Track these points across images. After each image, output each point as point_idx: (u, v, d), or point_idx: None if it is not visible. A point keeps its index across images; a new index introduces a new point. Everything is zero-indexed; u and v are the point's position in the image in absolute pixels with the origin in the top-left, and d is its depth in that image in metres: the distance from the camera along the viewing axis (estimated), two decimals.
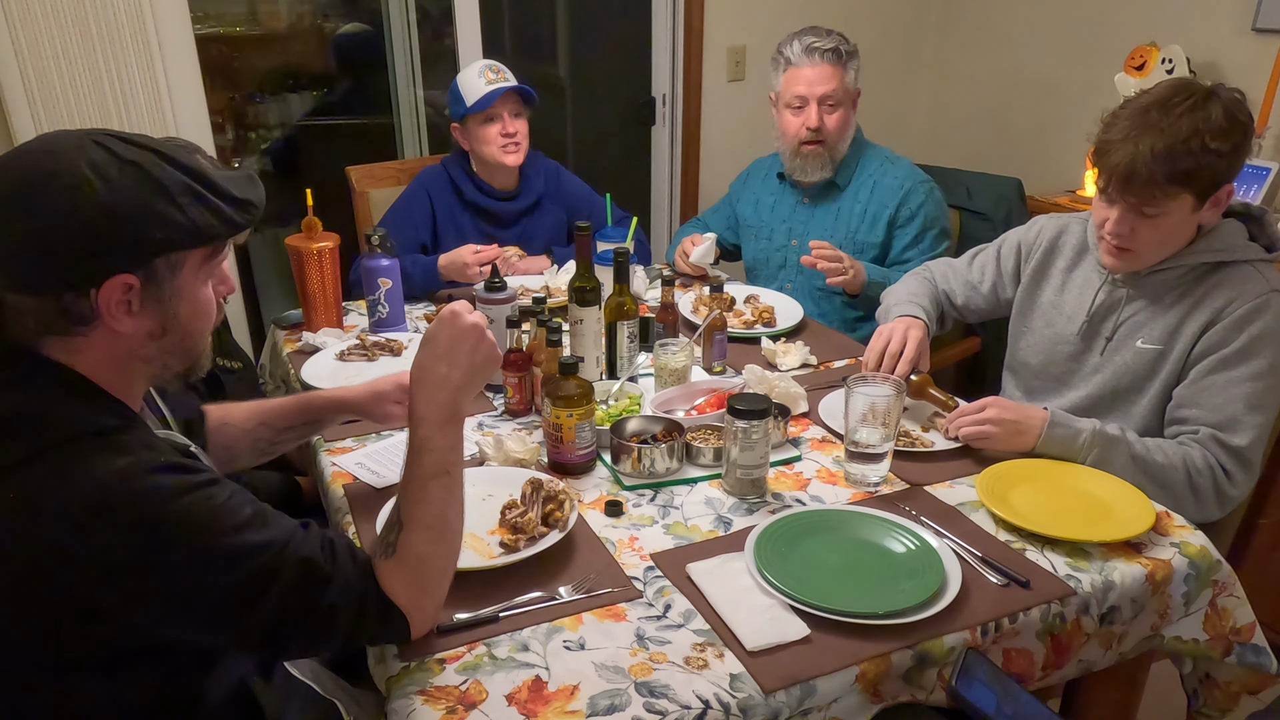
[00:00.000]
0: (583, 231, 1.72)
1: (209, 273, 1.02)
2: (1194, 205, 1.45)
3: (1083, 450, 1.46)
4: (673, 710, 1.01)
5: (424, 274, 2.26)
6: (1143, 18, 2.86)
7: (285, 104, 3.31)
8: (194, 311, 1.01)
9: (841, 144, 2.24)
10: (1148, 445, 1.47)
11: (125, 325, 0.95)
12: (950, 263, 1.92)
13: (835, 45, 2.17)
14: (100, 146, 0.92)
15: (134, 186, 0.91)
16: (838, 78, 2.18)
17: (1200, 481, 1.45)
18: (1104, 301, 1.62)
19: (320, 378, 1.80)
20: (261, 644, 1.01)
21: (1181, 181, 1.41)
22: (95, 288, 0.91)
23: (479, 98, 2.29)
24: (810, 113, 2.19)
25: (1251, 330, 1.46)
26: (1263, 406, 1.47)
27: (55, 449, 0.89)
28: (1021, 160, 3.21)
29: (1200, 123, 1.38)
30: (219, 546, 0.92)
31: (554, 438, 1.48)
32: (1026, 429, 1.48)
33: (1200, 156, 1.39)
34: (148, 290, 0.95)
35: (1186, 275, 1.53)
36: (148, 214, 0.92)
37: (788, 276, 2.37)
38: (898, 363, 1.66)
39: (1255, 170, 2.47)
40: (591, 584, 1.21)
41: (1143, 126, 1.41)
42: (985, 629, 1.15)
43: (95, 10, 2.37)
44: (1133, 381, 1.59)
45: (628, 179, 3.52)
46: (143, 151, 0.94)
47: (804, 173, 2.28)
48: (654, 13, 3.31)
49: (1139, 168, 1.40)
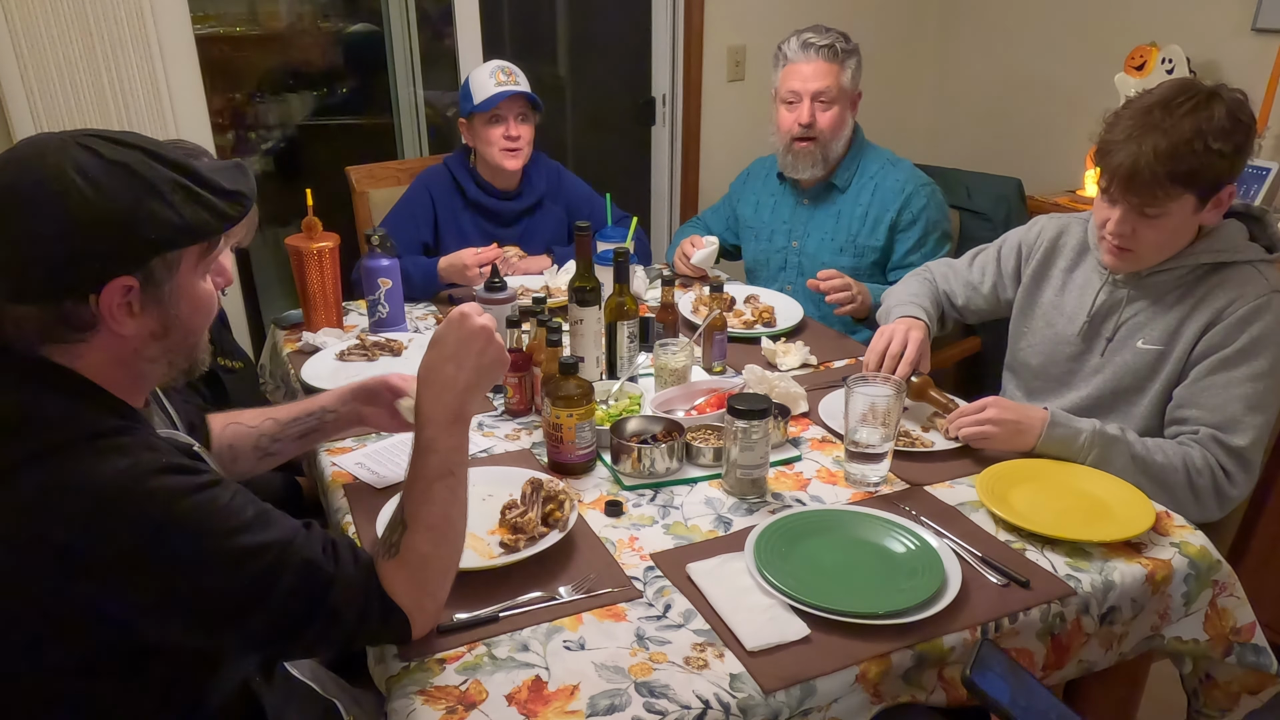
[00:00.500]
0: (583, 231, 1.72)
1: (206, 267, 1.02)
2: (1196, 206, 1.45)
3: (1083, 450, 1.46)
4: (673, 710, 1.01)
5: (423, 276, 2.26)
6: (1143, 18, 2.86)
7: (285, 104, 3.31)
8: (194, 308, 1.01)
9: (835, 143, 2.23)
10: (1148, 445, 1.47)
11: (128, 328, 0.95)
12: (950, 263, 1.92)
13: (831, 42, 2.17)
14: (85, 149, 0.91)
15: (123, 188, 0.91)
16: (832, 74, 2.17)
17: (1200, 482, 1.45)
18: (1104, 302, 1.62)
19: (320, 378, 1.80)
20: (264, 645, 1.01)
21: (1184, 182, 1.40)
22: (95, 293, 0.91)
23: (486, 97, 2.29)
24: (803, 108, 2.18)
25: (1252, 331, 1.46)
26: (1263, 407, 1.47)
27: (56, 451, 0.89)
28: (1021, 160, 3.20)
29: (1203, 123, 1.38)
30: (221, 548, 0.92)
31: (554, 438, 1.48)
32: (1027, 429, 1.48)
33: (1203, 157, 1.38)
34: (148, 291, 0.94)
35: (1187, 276, 1.53)
36: (139, 215, 0.91)
37: (788, 278, 2.37)
38: (898, 364, 1.66)
39: (1255, 170, 2.47)
40: (591, 584, 1.21)
41: (1145, 127, 1.41)
42: (985, 629, 1.15)
43: (95, 10, 2.37)
44: (1133, 382, 1.59)
45: (628, 179, 3.52)
46: (129, 150, 0.93)
47: (795, 169, 2.27)
48: (654, 13, 3.31)
49: (1141, 168, 1.40)
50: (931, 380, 1.67)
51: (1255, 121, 1.45)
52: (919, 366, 1.68)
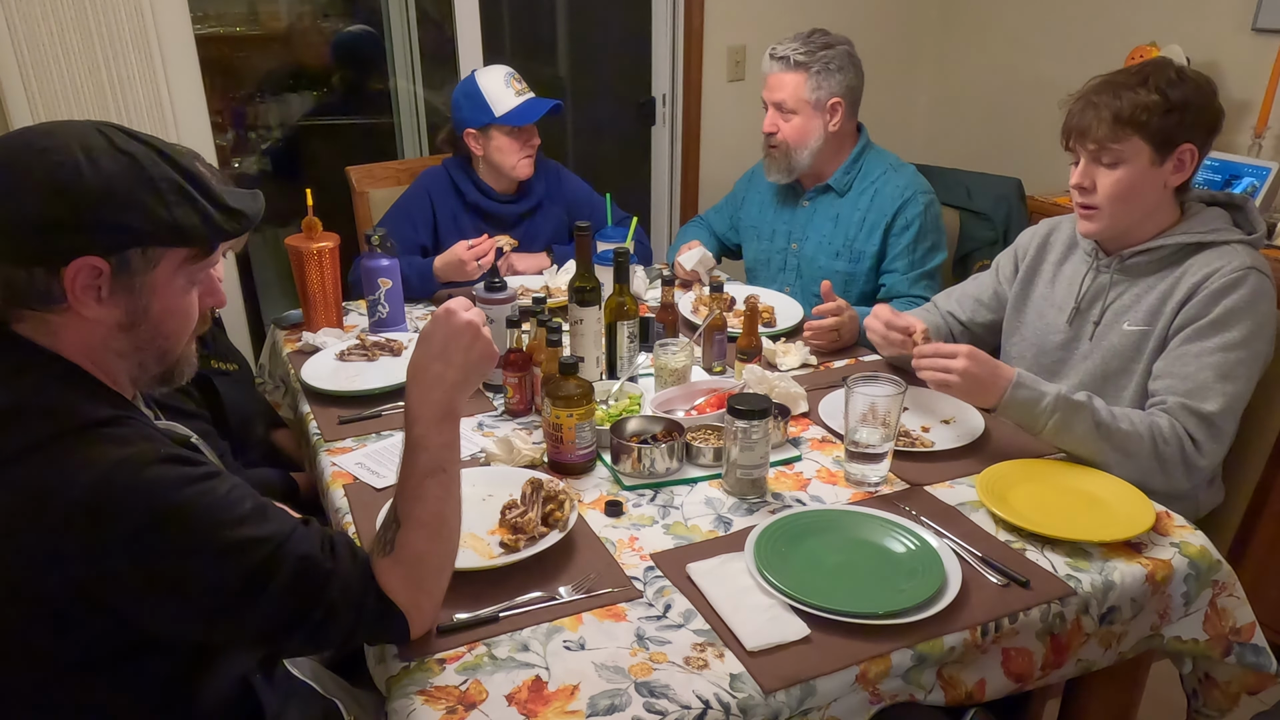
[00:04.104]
0: (583, 231, 1.72)
1: (191, 277, 1.01)
2: (1151, 156, 1.49)
3: (1045, 414, 1.45)
4: (673, 710, 1.01)
5: (420, 277, 2.26)
6: (1143, 18, 2.86)
7: (285, 104, 3.31)
8: (167, 311, 1.00)
9: (800, 151, 2.21)
10: (1114, 414, 1.47)
11: (91, 311, 0.94)
12: (951, 289, 1.95)
13: (788, 54, 2.15)
14: (101, 134, 0.93)
15: (122, 175, 0.92)
16: (791, 85, 2.16)
17: (1166, 450, 1.44)
18: (1090, 288, 1.64)
19: (320, 378, 1.80)
20: (259, 639, 1.01)
21: (1129, 124, 1.47)
22: (63, 265, 0.91)
23: (511, 110, 2.30)
24: (767, 117, 2.22)
25: (1226, 302, 1.47)
26: (1234, 377, 1.46)
27: (56, 440, 0.90)
28: (1021, 160, 3.20)
29: (1150, 74, 1.48)
30: (218, 540, 0.92)
31: (554, 438, 1.48)
32: (990, 386, 1.47)
33: (1147, 101, 1.46)
34: (118, 280, 0.94)
35: (1169, 257, 1.56)
36: (130, 202, 0.92)
37: (787, 279, 2.37)
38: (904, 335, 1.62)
39: (1255, 170, 2.47)
40: (591, 584, 1.21)
41: (1100, 85, 1.52)
42: (985, 629, 1.15)
43: (95, 10, 2.37)
44: (1121, 364, 1.60)
45: (628, 179, 3.52)
46: (142, 146, 0.95)
47: (767, 171, 2.31)
48: (654, 13, 3.31)
49: (1089, 117, 1.50)
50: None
51: (1215, 93, 1.51)
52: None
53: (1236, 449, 1.58)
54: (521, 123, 2.30)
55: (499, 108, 2.30)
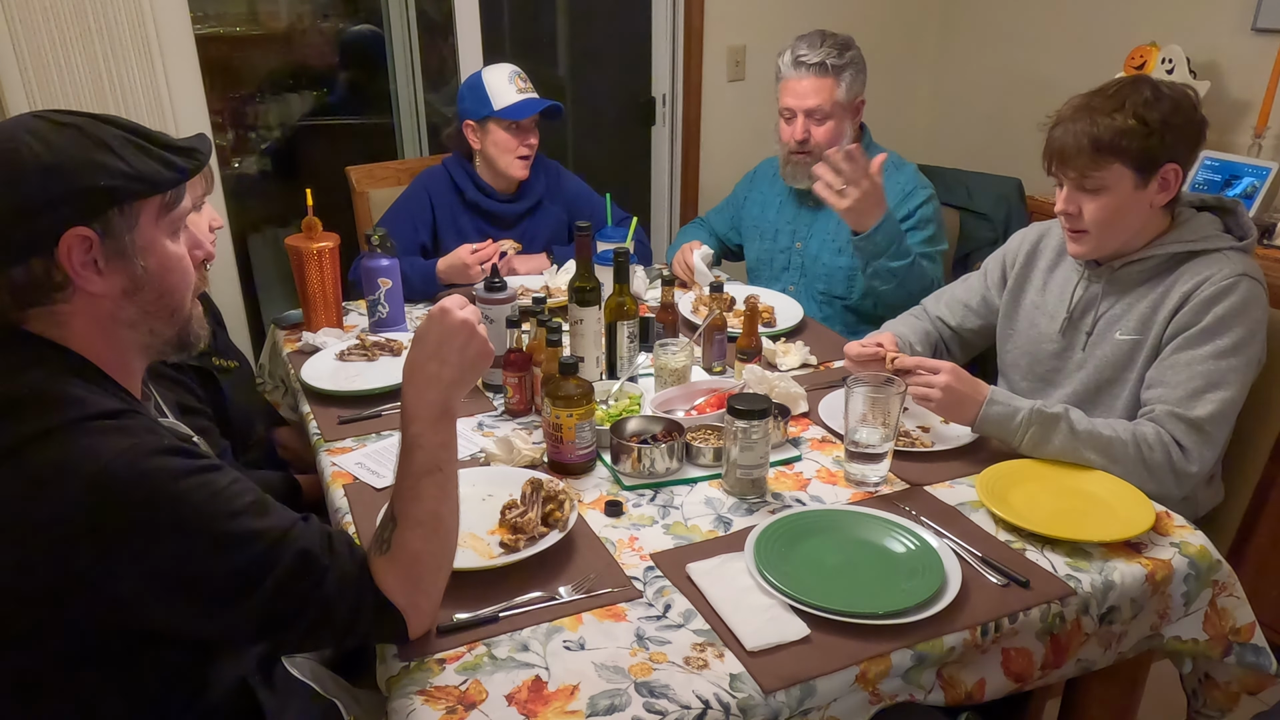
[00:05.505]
0: (583, 231, 1.72)
1: (171, 225, 1.02)
2: (1134, 180, 1.47)
3: (1020, 429, 1.46)
4: (673, 710, 1.01)
5: (422, 279, 2.26)
6: (1143, 18, 2.86)
7: (285, 104, 3.31)
8: (164, 265, 1.01)
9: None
10: (1095, 422, 1.47)
11: (96, 285, 0.96)
12: (940, 292, 1.95)
13: (822, 59, 2.14)
14: (38, 118, 0.96)
15: (72, 143, 0.94)
16: (825, 91, 2.16)
17: (1152, 457, 1.44)
18: (1082, 298, 1.64)
19: (320, 378, 1.80)
20: (256, 633, 1.01)
21: (1109, 151, 1.45)
22: (55, 246, 0.92)
23: (510, 104, 2.30)
24: (797, 125, 2.20)
25: (1217, 310, 1.47)
26: (1226, 384, 1.46)
27: (62, 429, 0.90)
28: (1021, 160, 3.18)
29: (1128, 97, 1.46)
30: (217, 530, 0.93)
31: (554, 438, 1.48)
32: (968, 403, 1.49)
33: (1124, 126, 1.44)
34: (109, 245, 0.95)
35: (1160, 266, 1.55)
36: (90, 164, 0.93)
37: (790, 279, 2.37)
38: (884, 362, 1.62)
39: (1255, 170, 2.47)
40: (591, 584, 1.21)
41: (1078, 109, 1.50)
42: (985, 629, 1.15)
43: (95, 10, 2.37)
44: (1114, 374, 1.60)
45: (628, 179, 3.51)
46: (78, 116, 0.97)
47: (794, 179, 2.29)
48: (654, 13, 3.31)
49: (1069, 143, 1.48)
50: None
51: (1195, 106, 1.49)
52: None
53: (1237, 449, 1.58)
54: (517, 117, 2.30)
55: (498, 101, 2.31)
